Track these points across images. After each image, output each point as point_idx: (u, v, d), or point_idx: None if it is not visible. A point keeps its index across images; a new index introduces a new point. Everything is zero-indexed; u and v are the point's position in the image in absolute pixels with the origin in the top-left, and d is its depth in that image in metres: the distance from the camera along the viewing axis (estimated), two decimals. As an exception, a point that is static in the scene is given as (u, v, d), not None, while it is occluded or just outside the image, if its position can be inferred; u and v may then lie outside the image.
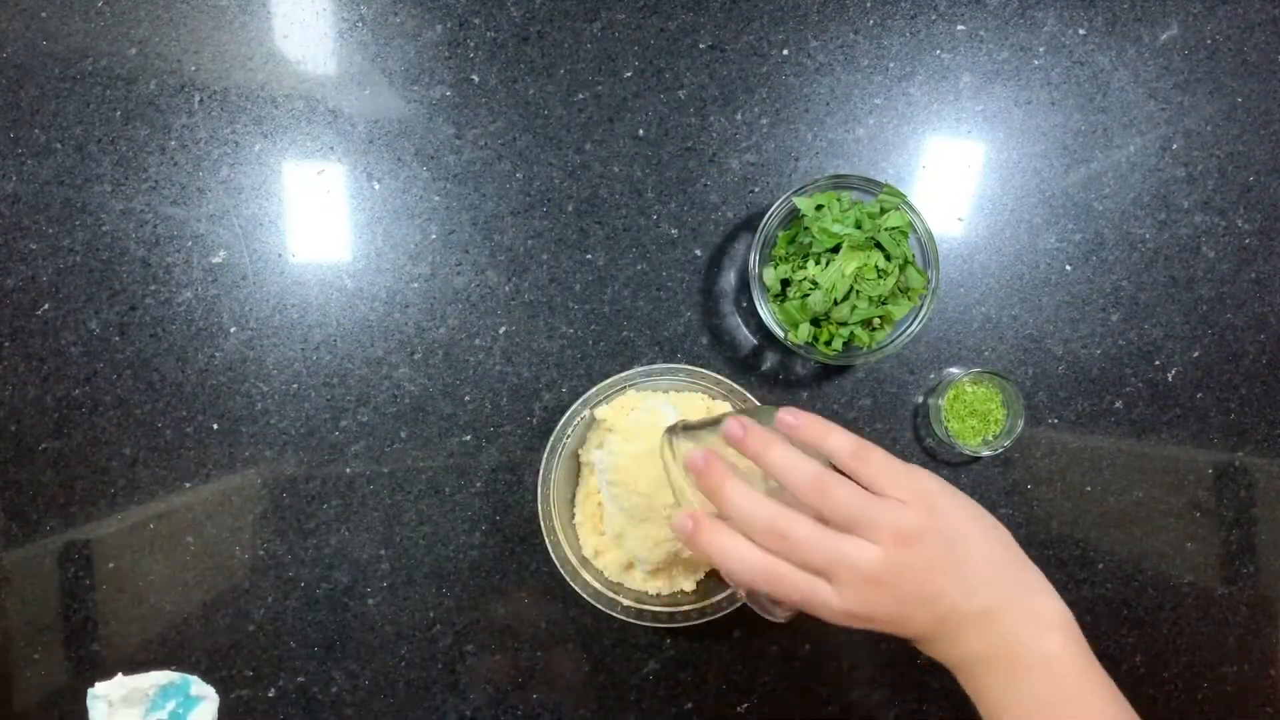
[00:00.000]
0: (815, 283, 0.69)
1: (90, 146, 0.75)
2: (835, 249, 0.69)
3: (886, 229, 0.69)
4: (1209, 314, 0.78)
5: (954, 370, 0.76)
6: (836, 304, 0.69)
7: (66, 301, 0.74)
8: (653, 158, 0.76)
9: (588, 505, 0.73)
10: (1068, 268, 0.77)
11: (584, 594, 0.71)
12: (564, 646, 0.76)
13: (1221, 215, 0.78)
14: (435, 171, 0.76)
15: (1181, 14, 0.78)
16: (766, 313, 0.71)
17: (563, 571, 0.71)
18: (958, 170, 0.77)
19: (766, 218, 0.70)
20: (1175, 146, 0.78)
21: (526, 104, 0.76)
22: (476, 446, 0.76)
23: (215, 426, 0.75)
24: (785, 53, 0.77)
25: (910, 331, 0.70)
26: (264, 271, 0.75)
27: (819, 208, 0.70)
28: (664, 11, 0.76)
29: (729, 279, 0.77)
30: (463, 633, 0.75)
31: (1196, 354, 0.78)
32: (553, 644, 0.76)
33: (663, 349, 0.77)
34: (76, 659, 0.73)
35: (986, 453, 0.73)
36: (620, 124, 0.76)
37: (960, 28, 0.77)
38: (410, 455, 0.75)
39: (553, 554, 0.71)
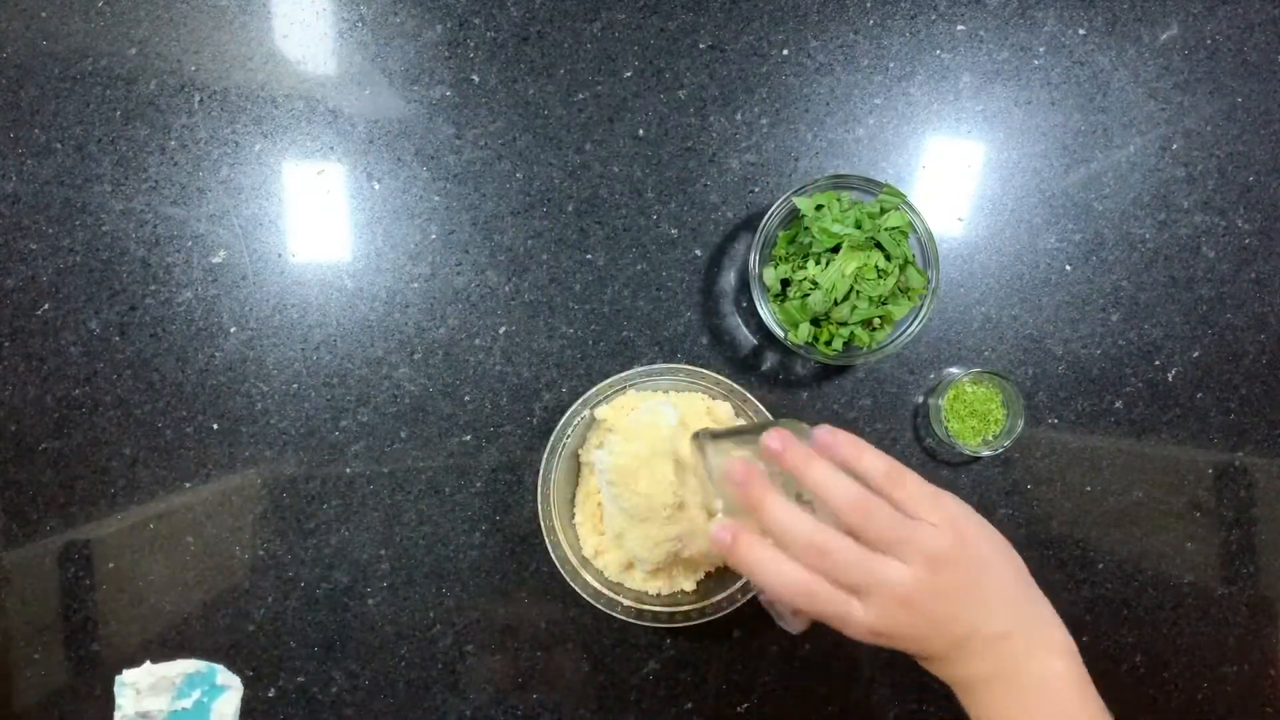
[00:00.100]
0: (815, 283, 0.69)
1: (90, 146, 0.75)
2: (835, 249, 0.69)
3: (886, 229, 0.69)
4: (1209, 314, 0.78)
5: (954, 370, 0.76)
6: (836, 304, 0.69)
7: (66, 301, 0.74)
8: (653, 158, 0.76)
9: (588, 505, 0.73)
10: (1068, 268, 0.77)
11: (584, 594, 0.71)
12: (564, 646, 0.76)
13: (1221, 215, 0.78)
14: (435, 171, 0.76)
15: (1181, 14, 0.78)
16: (766, 313, 0.71)
17: (563, 571, 0.71)
18: (958, 170, 0.77)
19: (766, 218, 0.70)
20: (1175, 146, 0.78)
21: (526, 104, 0.76)
22: (476, 446, 0.76)
23: (215, 426, 0.75)
24: (785, 53, 0.77)
25: (910, 331, 0.70)
26: (264, 271, 0.75)
27: (819, 208, 0.70)
28: (664, 11, 0.76)
29: (729, 279, 0.77)
30: (463, 633, 0.75)
31: (1196, 354, 0.78)
32: (553, 644, 0.76)
33: (663, 349, 0.77)
34: (76, 659, 0.73)
35: (986, 453, 0.73)
36: (620, 124, 0.76)
37: (960, 28, 0.77)
38: (410, 455, 0.76)
39: (553, 554, 0.71)
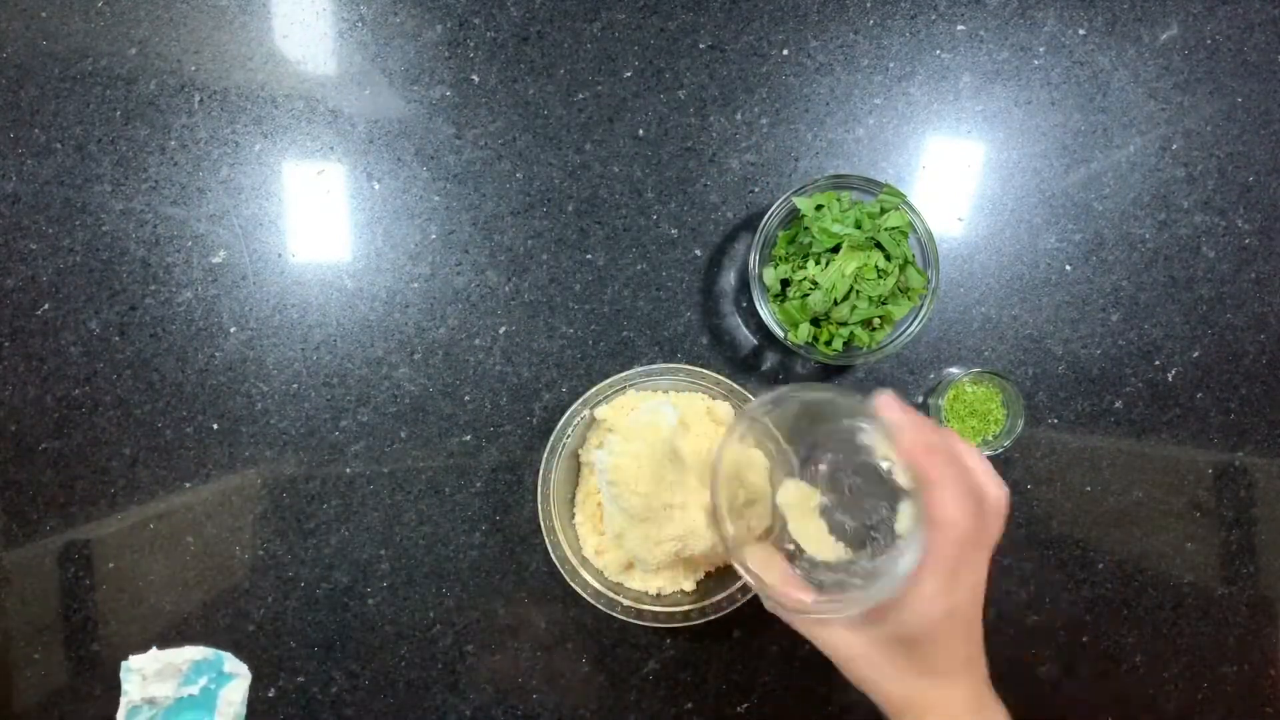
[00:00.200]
0: (815, 283, 0.69)
1: (90, 146, 0.75)
2: (835, 249, 0.69)
3: (886, 229, 0.69)
4: (1209, 314, 0.78)
5: (954, 370, 0.76)
6: (836, 304, 0.69)
7: (66, 301, 0.74)
8: (653, 158, 0.76)
9: (588, 505, 0.73)
10: (1068, 268, 0.77)
11: (584, 594, 0.71)
12: (564, 646, 0.76)
13: (1221, 215, 0.78)
14: (435, 171, 0.76)
15: (1181, 14, 0.78)
16: (766, 313, 0.71)
17: (563, 571, 0.71)
18: (958, 170, 0.77)
19: (766, 218, 0.70)
20: (1175, 146, 0.78)
21: (526, 104, 0.76)
22: (476, 446, 0.76)
23: (215, 426, 0.75)
24: (785, 53, 0.77)
25: (910, 331, 0.70)
26: (264, 271, 0.75)
27: (819, 208, 0.70)
28: (664, 11, 0.76)
29: (729, 279, 0.77)
30: (463, 633, 0.75)
31: (1196, 354, 0.78)
32: (553, 644, 0.76)
33: (663, 349, 0.77)
34: (76, 659, 0.73)
35: (986, 453, 0.73)
36: (620, 124, 0.76)
37: (960, 28, 0.77)
38: (410, 455, 0.75)
39: (553, 554, 0.71)
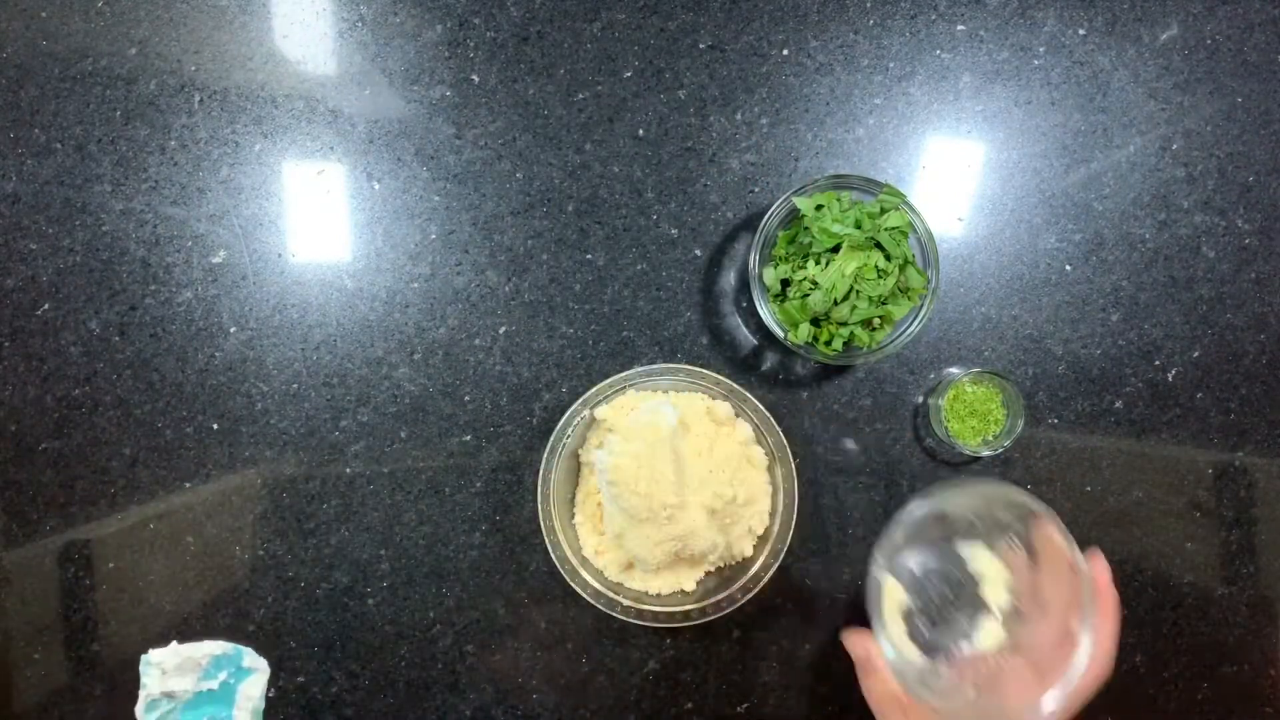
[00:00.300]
0: (815, 283, 0.69)
1: (90, 146, 0.75)
2: (835, 249, 0.69)
3: (886, 229, 0.69)
4: (1209, 314, 0.78)
5: (954, 370, 0.76)
6: (836, 304, 0.69)
7: (66, 301, 0.74)
8: (653, 158, 0.76)
9: (588, 505, 0.73)
10: (1068, 268, 0.77)
11: (584, 594, 0.71)
12: (564, 646, 0.76)
13: (1221, 215, 0.78)
14: (435, 171, 0.76)
15: (1181, 14, 0.78)
16: (766, 313, 0.71)
17: (563, 571, 0.71)
18: (958, 170, 0.77)
19: (766, 218, 0.70)
20: (1175, 146, 0.78)
21: (526, 104, 0.76)
22: (476, 446, 0.76)
23: (215, 426, 0.75)
24: (785, 53, 0.77)
25: (910, 331, 0.70)
26: (264, 271, 0.75)
27: (819, 208, 0.70)
28: (664, 11, 0.76)
29: (729, 279, 0.77)
30: (463, 633, 0.75)
31: (1196, 354, 0.78)
32: (553, 644, 0.76)
33: (663, 349, 0.77)
34: (76, 659, 0.73)
35: (986, 453, 0.73)
36: (620, 124, 0.76)
37: (960, 28, 0.77)
38: (410, 455, 0.75)
39: (553, 554, 0.71)
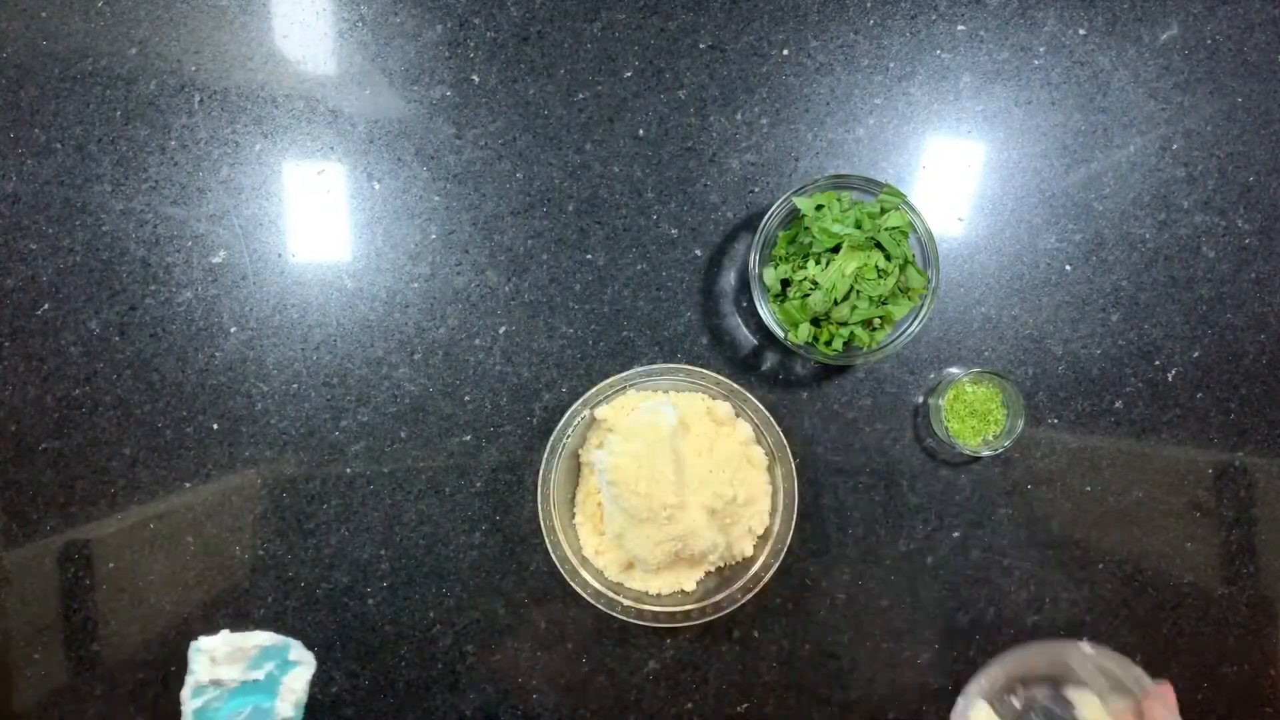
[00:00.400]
0: (815, 283, 0.69)
1: (90, 146, 0.75)
2: (835, 249, 0.69)
3: (886, 229, 0.69)
4: (1209, 314, 0.78)
5: (954, 370, 0.76)
6: (836, 304, 0.69)
7: (66, 301, 0.74)
8: (653, 158, 0.76)
9: (588, 505, 0.73)
10: (1068, 268, 0.77)
11: (584, 594, 0.71)
12: (564, 646, 0.76)
13: (1221, 215, 0.78)
14: (435, 171, 0.76)
15: (1181, 14, 0.78)
16: (766, 313, 0.71)
17: (563, 571, 0.71)
18: (958, 170, 0.77)
19: (766, 218, 0.70)
20: (1175, 146, 0.78)
21: (526, 104, 0.76)
22: (476, 446, 0.76)
23: (215, 426, 0.75)
24: (785, 53, 0.77)
25: (910, 331, 0.70)
26: (264, 271, 0.75)
27: (819, 208, 0.70)
28: (664, 11, 0.76)
29: (729, 279, 0.77)
30: (463, 633, 0.75)
31: (1196, 354, 0.78)
32: (553, 644, 0.76)
33: (663, 349, 0.77)
34: (76, 659, 0.73)
35: (986, 453, 0.73)
36: (620, 124, 0.76)
37: (960, 28, 0.77)
38: (410, 455, 0.75)
39: (553, 554, 0.71)
